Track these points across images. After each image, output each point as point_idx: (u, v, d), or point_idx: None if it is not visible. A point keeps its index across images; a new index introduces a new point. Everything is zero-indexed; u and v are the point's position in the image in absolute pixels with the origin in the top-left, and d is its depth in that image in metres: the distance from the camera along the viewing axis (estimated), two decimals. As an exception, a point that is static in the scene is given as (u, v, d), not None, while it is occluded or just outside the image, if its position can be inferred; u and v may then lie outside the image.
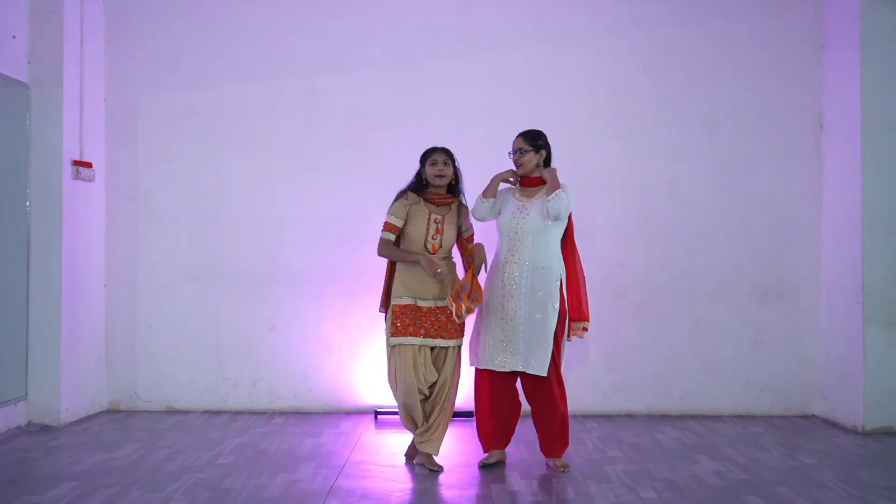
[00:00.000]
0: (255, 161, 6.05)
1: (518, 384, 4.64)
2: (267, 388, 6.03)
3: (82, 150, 5.72)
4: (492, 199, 4.65)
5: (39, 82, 5.51)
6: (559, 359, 4.51)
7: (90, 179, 5.79)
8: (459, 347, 4.57)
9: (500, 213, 4.63)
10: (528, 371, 4.46)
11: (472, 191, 5.83)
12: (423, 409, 4.52)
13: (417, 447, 4.56)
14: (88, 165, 5.76)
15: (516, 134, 4.70)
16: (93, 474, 4.38)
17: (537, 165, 4.63)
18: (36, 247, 5.50)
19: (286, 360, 6.02)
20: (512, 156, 4.67)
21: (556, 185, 4.46)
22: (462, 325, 4.53)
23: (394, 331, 4.45)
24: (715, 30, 6.02)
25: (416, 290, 4.46)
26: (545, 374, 4.43)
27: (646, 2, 6.04)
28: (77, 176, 5.65)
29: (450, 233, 4.55)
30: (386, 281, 4.61)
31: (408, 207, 4.52)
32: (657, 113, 6.01)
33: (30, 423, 5.47)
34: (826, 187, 5.93)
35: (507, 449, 4.70)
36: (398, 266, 4.53)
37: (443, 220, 4.53)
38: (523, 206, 4.58)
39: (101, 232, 6.01)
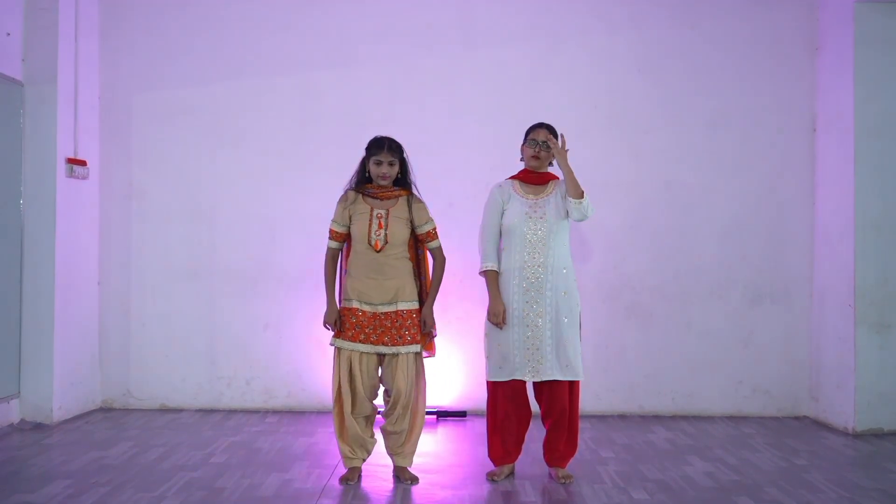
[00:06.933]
0: (248, 159, 6.05)
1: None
2: (260, 387, 6.04)
3: (76, 147, 5.71)
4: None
5: (34, 80, 5.50)
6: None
7: (84, 177, 5.79)
8: (417, 354, 4.27)
9: (503, 213, 4.37)
10: (562, 378, 4.25)
11: (464, 190, 5.87)
12: (363, 428, 4.25)
13: (392, 459, 4.35)
14: (82, 163, 5.75)
15: (534, 124, 4.44)
16: (85, 473, 4.38)
17: (549, 164, 4.45)
18: (29, 244, 5.49)
19: (280, 359, 6.02)
20: (531, 147, 4.36)
21: (579, 186, 4.26)
22: (418, 331, 4.25)
23: (335, 332, 4.26)
24: (709, 31, 6.04)
25: (361, 292, 4.21)
26: (581, 378, 4.32)
27: (641, 3, 6.05)
28: (71, 174, 5.64)
29: (397, 227, 4.21)
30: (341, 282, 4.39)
31: (348, 209, 4.29)
32: (651, 114, 6.03)
33: (22, 421, 5.47)
34: (819, 189, 5.96)
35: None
36: (349, 266, 4.30)
37: (387, 214, 4.22)
38: (535, 203, 4.34)
39: (95, 230, 6.00)
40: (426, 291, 4.37)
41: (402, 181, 4.33)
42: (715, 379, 6.00)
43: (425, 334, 4.31)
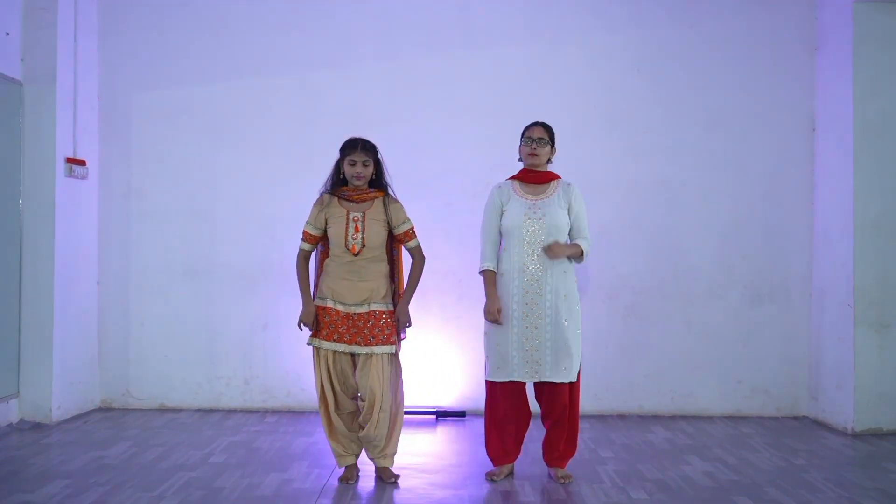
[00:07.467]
0: (248, 159, 6.05)
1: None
2: (260, 387, 6.04)
3: (75, 147, 5.71)
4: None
5: (33, 79, 5.50)
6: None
7: (83, 177, 5.79)
8: (391, 355, 4.23)
9: (502, 214, 4.36)
10: (559, 380, 4.25)
11: (463, 189, 5.87)
12: (349, 425, 4.29)
13: (373, 461, 4.32)
14: (82, 163, 5.75)
15: (530, 123, 4.43)
16: (85, 472, 4.38)
17: (547, 161, 4.44)
18: (29, 244, 5.49)
19: (279, 359, 6.02)
20: (527, 145, 4.34)
21: (578, 250, 4.31)
22: (392, 332, 4.22)
23: (312, 332, 4.23)
24: (708, 31, 6.04)
25: (336, 292, 4.19)
26: (576, 380, 4.32)
27: (640, 2, 6.05)
28: (70, 173, 5.64)
29: (373, 230, 4.19)
30: (315, 279, 4.37)
31: (324, 212, 4.25)
32: (650, 113, 6.03)
33: (21, 421, 5.47)
34: (818, 189, 5.96)
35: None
36: (325, 265, 4.27)
37: (363, 217, 4.19)
38: (535, 204, 4.33)
39: (94, 229, 6.00)
40: (399, 294, 4.34)
41: (378, 182, 4.30)
42: (714, 379, 6.00)
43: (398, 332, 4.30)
